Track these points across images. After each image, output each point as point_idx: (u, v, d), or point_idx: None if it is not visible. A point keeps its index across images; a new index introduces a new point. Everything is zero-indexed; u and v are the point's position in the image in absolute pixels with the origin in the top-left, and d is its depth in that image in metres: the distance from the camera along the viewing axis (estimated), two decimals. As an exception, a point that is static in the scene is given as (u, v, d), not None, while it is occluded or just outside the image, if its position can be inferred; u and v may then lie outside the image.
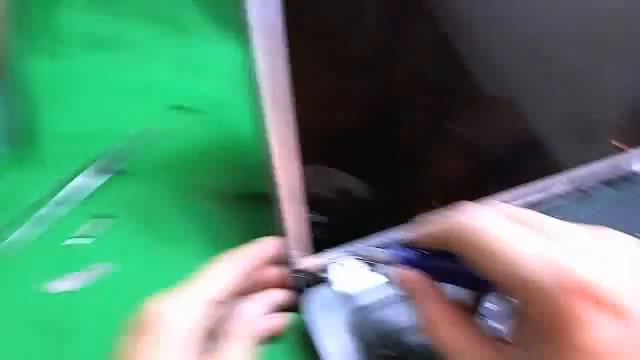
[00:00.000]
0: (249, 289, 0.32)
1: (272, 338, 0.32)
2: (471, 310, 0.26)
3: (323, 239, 0.35)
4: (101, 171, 0.48)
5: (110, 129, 0.52)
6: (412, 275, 0.26)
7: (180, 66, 0.55)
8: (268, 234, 0.34)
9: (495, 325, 0.27)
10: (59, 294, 0.39)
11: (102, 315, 0.37)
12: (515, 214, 0.23)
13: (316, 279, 0.35)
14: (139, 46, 0.57)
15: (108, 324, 0.35)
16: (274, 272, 0.34)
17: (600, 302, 0.19)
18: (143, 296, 0.36)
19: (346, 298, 0.34)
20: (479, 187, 0.36)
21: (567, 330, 0.19)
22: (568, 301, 0.19)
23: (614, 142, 0.38)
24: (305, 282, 0.35)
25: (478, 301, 0.27)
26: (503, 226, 0.22)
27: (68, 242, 0.43)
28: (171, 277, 0.37)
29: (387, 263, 0.28)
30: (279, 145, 0.28)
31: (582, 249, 0.21)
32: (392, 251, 0.28)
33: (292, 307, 0.37)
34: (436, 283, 0.26)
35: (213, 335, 0.29)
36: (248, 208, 0.45)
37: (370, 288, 0.34)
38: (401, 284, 0.27)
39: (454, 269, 0.25)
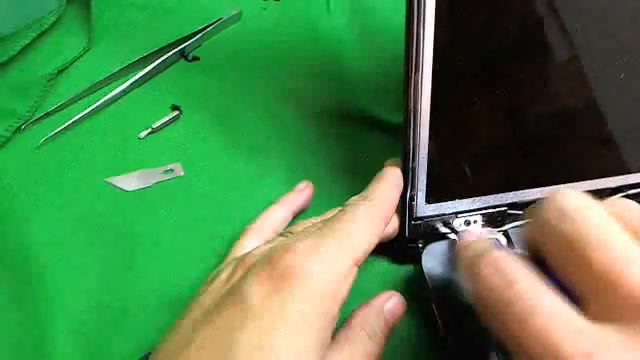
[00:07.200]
0: None
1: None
2: None
3: (447, 190, 0.30)
4: (171, 55, 0.41)
5: (190, 5, 0.44)
6: None
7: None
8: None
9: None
10: (128, 191, 0.35)
11: (168, 218, 0.34)
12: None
13: (434, 232, 0.30)
14: None
15: (175, 227, 0.33)
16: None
17: None
18: (214, 203, 0.35)
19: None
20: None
21: None
22: None
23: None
24: (423, 233, 0.30)
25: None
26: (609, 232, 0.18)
27: (139, 134, 0.37)
28: (244, 189, 0.35)
29: None
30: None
31: None
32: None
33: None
34: None
35: None
36: (344, 128, 0.38)
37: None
38: None
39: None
